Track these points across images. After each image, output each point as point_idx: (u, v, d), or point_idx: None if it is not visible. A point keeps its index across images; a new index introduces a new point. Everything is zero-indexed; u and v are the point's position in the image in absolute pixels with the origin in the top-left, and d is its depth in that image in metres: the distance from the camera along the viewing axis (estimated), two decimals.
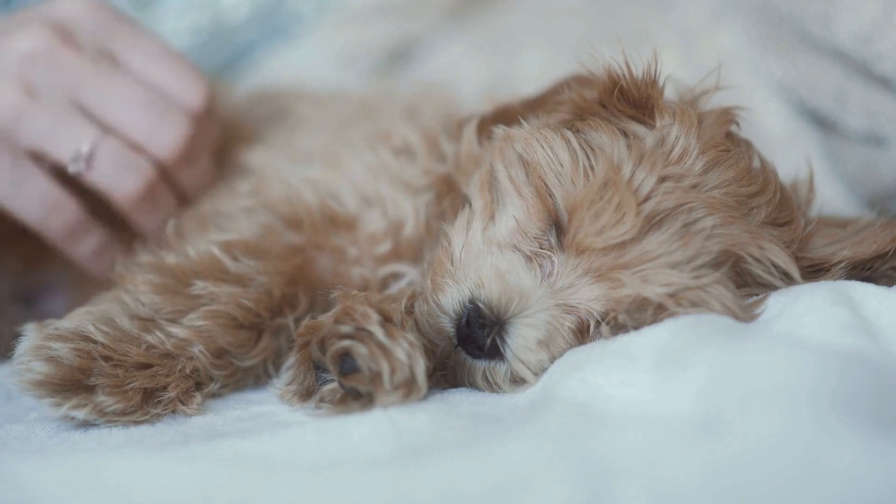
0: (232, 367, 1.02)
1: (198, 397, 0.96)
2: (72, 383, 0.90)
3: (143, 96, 1.15)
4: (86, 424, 0.91)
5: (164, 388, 0.94)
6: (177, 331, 0.98)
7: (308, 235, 1.09)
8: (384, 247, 1.10)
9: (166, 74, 1.19)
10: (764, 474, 0.66)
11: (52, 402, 0.89)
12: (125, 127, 1.15)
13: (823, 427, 0.68)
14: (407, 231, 1.09)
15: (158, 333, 0.97)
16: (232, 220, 1.11)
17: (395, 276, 1.10)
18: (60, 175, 1.16)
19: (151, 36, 1.23)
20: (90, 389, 0.90)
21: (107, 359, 0.92)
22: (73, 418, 0.90)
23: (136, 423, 0.92)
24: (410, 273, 1.09)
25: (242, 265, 1.03)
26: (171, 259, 1.03)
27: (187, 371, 0.96)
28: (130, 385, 0.91)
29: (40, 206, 1.15)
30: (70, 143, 1.13)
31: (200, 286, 1.00)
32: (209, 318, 0.99)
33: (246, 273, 1.03)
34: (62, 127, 1.13)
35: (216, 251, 1.04)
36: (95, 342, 0.93)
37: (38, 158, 1.15)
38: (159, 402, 0.93)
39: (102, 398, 0.90)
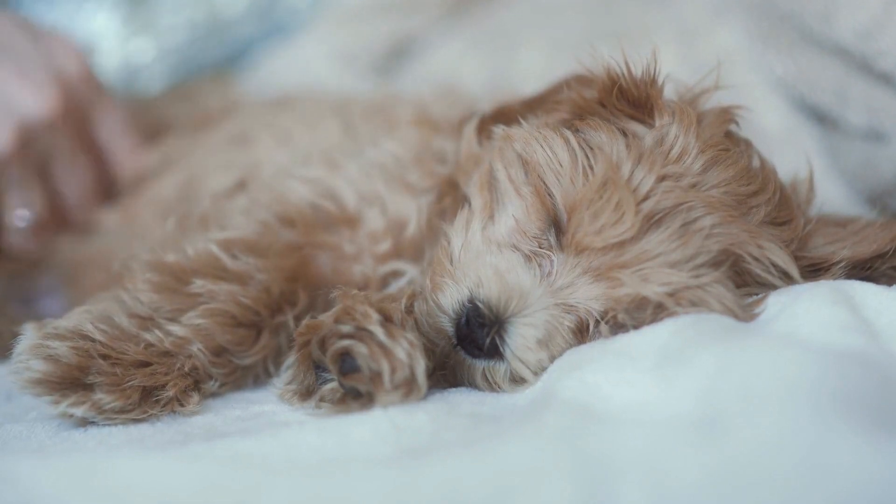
0: (231, 366, 1.02)
1: (195, 397, 0.96)
2: (70, 381, 0.90)
3: None
4: (85, 423, 0.91)
5: (163, 386, 0.94)
6: (176, 329, 0.98)
7: (302, 233, 1.09)
8: (384, 245, 1.10)
9: None
10: (766, 474, 0.66)
11: (50, 399, 0.89)
12: None
13: (825, 427, 0.68)
14: (409, 231, 1.09)
15: (157, 332, 0.97)
16: (229, 218, 1.11)
17: (396, 275, 1.10)
18: None
19: None
20: (89, 387, 0.90)
21: (105, 357, 0.92)
22: (71, 416, 0.90)
23: (135, 421, 0.91)
24: (410, 271, 1.09)
25: (241, 262, 1.03)
26: (169, 257, 1.03)
27: (186, 369, 0.96)
28: (129, 383, 0.91)
29: None
30: None
31: (199, 284, 1.00)
32: (208, 317, 0.99)
33: (245, 270, 1.03)
34: None
35: (215, 249, 1.03)
36: (94, 340, 0.93)
37: None
38: (157, 400, 0.93)
39: (100, 396, 0.90)
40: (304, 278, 1.07)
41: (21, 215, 1.32)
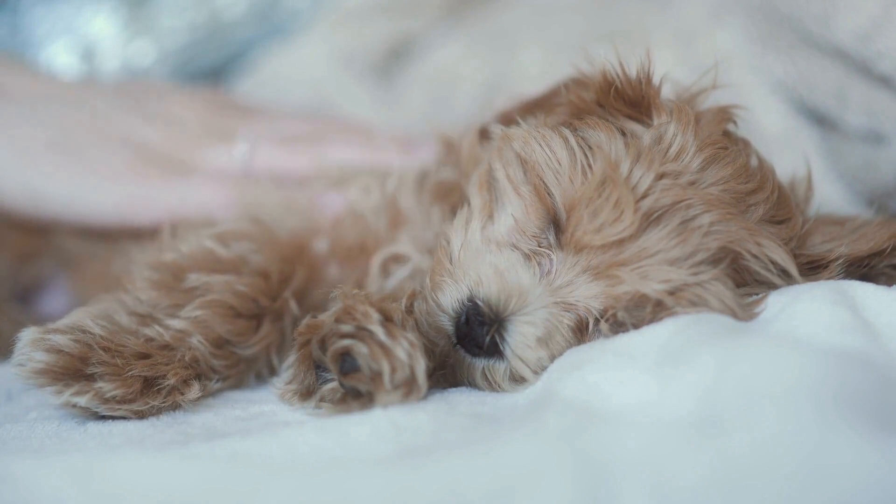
0: (233, 357, 1.02)
1: (196, 385, 0.96)
2: (72, 371, 0.91)
3: None
4: (86, 415, 0.92)
5: (163, 376, 0.94)
6: (174, 323, 0.98)
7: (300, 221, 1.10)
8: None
9: None
10: (767, 474, 0.66)
11: (53, 389, 0.90)
12: None
13: (827, 427, 0.68)
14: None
15: (157, 327, 0.98)
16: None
17: (397, 260, 1.10)
18: None
19: None
20: (90, 378, 0.91)
21: (106, 349, 0.92)
22: (74, 405, 0.91)
23: (137, 412, 0.92)
24: (415, 257, 1.10)
25: (235, 248, 1.04)
26: (166, 256, 1.05)
27: (186, 359, 0.97)
28: (130, 372, 0.92)
29: None
30: None
31: (194, 278, 1.01)
32: (205, 308, 1.00)
33: (238, 256, 1.04)
34: None
35: (208, 243, 1.05)
36: (94, 334, 0.93)
37: None
38: (159, 390, 0.93)
39: (102, 384, 0.90)
40: (301, 257, 1.07)
41: None
